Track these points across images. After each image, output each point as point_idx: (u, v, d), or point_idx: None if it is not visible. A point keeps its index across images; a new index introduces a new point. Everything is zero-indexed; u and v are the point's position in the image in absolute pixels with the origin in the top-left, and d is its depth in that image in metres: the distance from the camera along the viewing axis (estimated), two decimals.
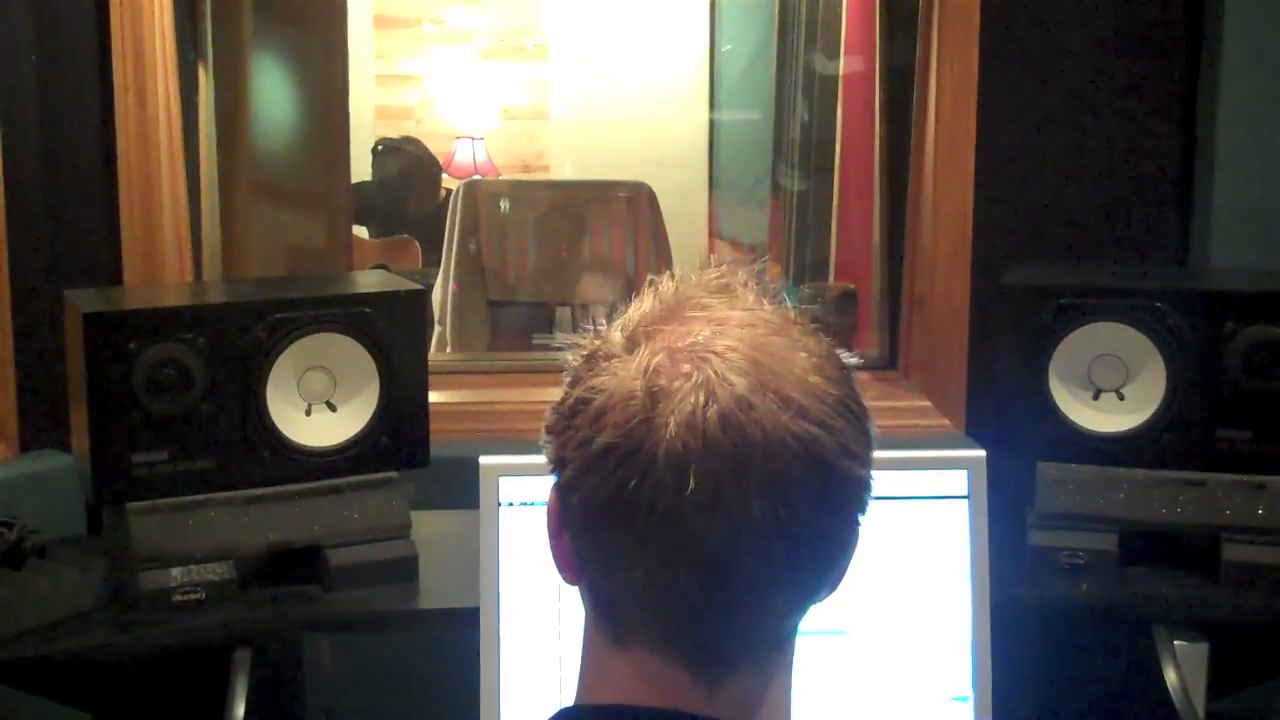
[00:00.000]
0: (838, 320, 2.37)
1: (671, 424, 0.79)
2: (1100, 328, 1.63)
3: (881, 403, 2.09)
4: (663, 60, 4.84)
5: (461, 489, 1.48)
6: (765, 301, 0.87)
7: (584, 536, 0.85)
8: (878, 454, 0.87)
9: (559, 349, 0.91)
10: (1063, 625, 1.72)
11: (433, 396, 1.65)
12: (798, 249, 3.59)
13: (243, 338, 1.51)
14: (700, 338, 0.82)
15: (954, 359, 2.09)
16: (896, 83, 2.24)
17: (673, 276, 0.89)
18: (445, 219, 3.40)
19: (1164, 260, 2.05)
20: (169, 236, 1.98)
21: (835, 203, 3.07)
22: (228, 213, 2.27)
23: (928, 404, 2.10)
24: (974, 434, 2.02)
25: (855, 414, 0.84)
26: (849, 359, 0.88)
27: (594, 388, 0.83)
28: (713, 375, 0.80)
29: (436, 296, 3.30)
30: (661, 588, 0.81)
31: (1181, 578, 1.63)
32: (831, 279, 3.03)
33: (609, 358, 0.84)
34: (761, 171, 4.34)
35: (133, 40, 1.93)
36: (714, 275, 0.89)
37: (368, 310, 1.57)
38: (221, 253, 2.23)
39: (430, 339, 3.28)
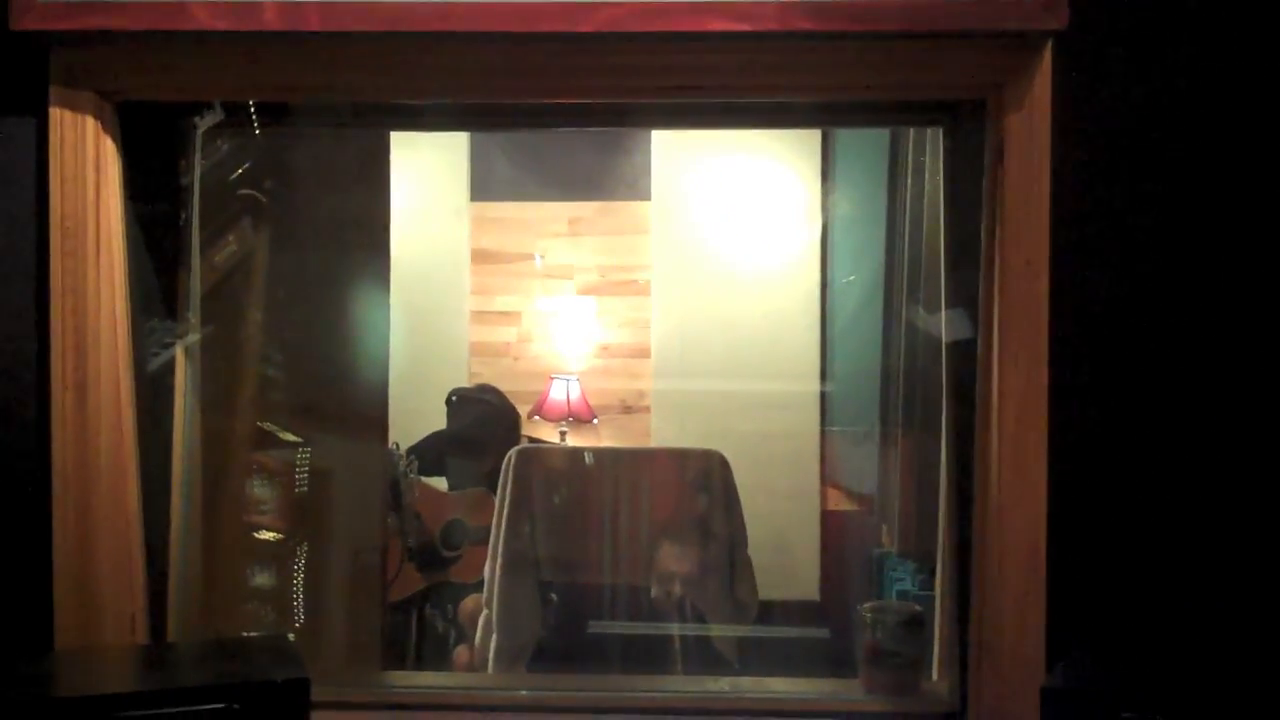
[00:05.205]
0: (899, 649, 1.96)
1: None
2: None
3: None
4: (773, 291, 4.56)
5: None
6: None
7: None
8: None
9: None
10: None
11: None
12: (903, 518, 3.19)
13: None
14: None
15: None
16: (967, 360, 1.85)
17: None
18: None
19: None
20: (105, 570, 1.73)
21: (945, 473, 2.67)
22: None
23: None
24: None
25: None
26: None
27: None
28: None
29: (486, 574, 2.99)
30: None
31: None
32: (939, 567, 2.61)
33: None
34: (874, 419, 3.98)
35: (75, 332, 1.74)
36: None
37: (235, 707, 1.27)
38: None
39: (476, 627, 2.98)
